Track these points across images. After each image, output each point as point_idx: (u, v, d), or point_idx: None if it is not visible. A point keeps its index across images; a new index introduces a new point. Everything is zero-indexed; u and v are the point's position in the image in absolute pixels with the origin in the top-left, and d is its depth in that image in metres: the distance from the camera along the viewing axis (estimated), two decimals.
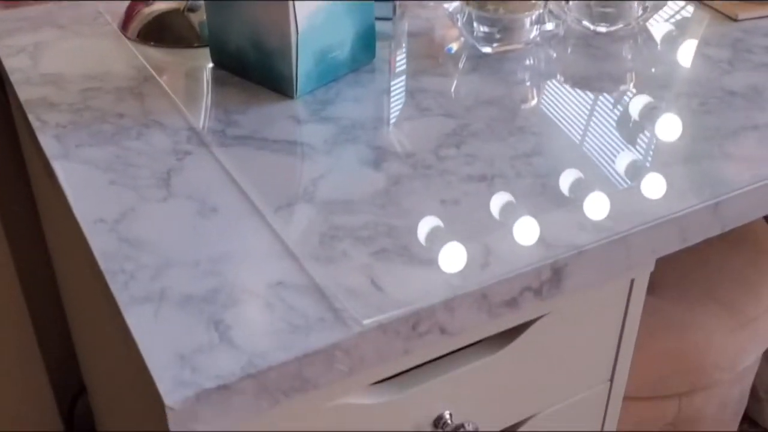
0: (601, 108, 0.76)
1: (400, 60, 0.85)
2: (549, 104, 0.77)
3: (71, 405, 1.23)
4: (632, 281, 0.68)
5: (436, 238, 0.60)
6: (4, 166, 1.04)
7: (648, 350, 0.93)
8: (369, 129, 0.73)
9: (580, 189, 0.65)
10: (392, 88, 0.80)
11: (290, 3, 0.72)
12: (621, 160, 0.68)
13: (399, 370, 0.62)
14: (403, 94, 0.79)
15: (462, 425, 0.66)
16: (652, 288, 1.00)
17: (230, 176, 0.66)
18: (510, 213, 0.62)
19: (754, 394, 1.31)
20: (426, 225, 0.61)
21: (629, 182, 0.65)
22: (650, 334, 0.94)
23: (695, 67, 0.83)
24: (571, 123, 0.74)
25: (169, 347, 0.51)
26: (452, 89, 0.80)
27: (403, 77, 0.82)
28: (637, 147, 0.70)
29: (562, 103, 0.77)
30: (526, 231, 0.60)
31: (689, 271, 1.01)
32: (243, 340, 0.52)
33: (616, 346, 0.72)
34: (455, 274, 0.57)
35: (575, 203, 0.63)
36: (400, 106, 0.77)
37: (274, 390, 0.51)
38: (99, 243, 0.59)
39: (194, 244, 0.59)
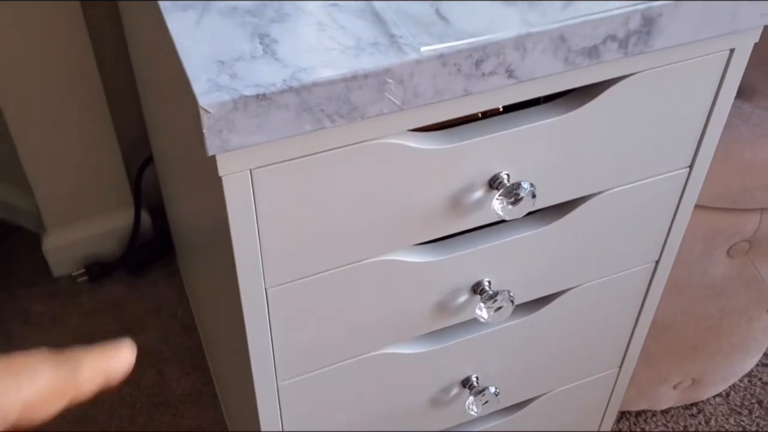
0: None
1: None
2: None
3: (139, 174, 1.25)
4: (731, 52, 0.60)
5: None
6: None
7: (735, 159, 0.86)
8: None
9: None
10: None
11: None
12: None
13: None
14: None
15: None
16: (751, 94, 0.91)
17: None
18: None
19: None
20: None
21: None
22: (740, 142, 0.86)
23: None
24: None
25: (208, 53, 0.47)
26: None
27: None
28: None
29: None
30: None
31: None
32: (288, 55, 0.48)
33: (700, 130, 0.66)
34: (532, 10, 0.51)
35: None
36: None
37: (317, 111, 0.47)
38: None
39: None
